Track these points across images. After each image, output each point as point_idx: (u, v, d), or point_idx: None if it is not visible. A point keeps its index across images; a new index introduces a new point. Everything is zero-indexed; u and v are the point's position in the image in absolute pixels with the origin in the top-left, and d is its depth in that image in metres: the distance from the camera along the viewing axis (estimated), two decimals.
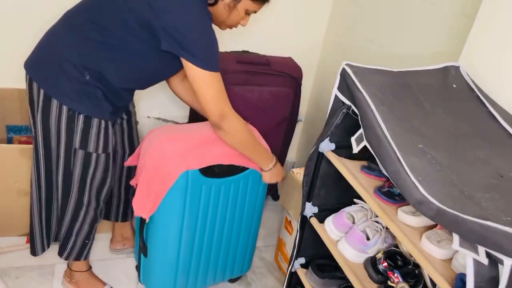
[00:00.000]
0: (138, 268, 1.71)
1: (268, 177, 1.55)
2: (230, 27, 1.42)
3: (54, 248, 1.85)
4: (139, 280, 1.73)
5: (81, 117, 1.34)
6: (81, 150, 1.38)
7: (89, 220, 1.53)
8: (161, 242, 1.52)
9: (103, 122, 1.38)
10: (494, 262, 0.79)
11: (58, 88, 1.32)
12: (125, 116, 1.61)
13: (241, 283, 1.87)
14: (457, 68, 1.23)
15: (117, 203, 1.80)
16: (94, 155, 1.41)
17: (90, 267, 1.70)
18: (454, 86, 1.19)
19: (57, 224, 1.58)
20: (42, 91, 1.33)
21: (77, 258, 1.60)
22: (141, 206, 1.46)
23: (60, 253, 1.60)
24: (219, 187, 1.49)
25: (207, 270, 1.67)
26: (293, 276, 1.54)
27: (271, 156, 1.53)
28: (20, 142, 2.00)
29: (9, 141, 2.00)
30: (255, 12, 1.39)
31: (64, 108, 1.32)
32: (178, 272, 1.58)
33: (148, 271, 1.63)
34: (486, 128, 1.09)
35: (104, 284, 1.70)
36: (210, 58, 1.27)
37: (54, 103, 1.32)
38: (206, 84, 1.28)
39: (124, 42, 1.29)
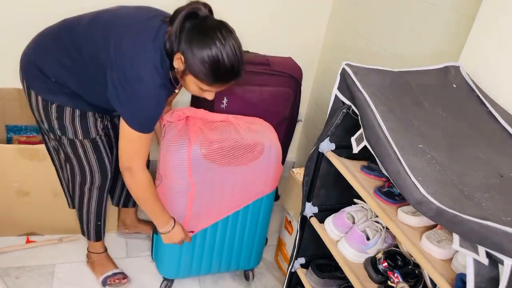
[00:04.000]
0: (152, 245, 1.80)
1: (166, 239, 1.55)
2: (195, 95, 1.35)
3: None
4: (152, 257, 1.82)
5: (54, 106, 1.40)
6: (63, 136, 1.46)
7: (94, 203, 1.62)
8: None
9: (77, 111, 1.42)
10: (494, 262, 0.79)
11: (34, 82, 1.40)
12: (113, 115, 1.61)
13: (241, 283, 1.87)
14: (457, 68, 1.22)
15: (120, 188, 1.84)
16: (77, 141, 1.47)
17: (106, 250, 1.81)
18: (454, 86, 1.19)
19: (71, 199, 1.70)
20: (24, 82, 1.43)
21: (98, 239, 1.74)
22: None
23: (82, 233, 1.74)
24: None
25: (211, 257, 1.72)
26: (293, 276, 1.54)
27: (168, 220, 1.51)
28: (19, 142, 2.00)
29: (9, 141, 2.00)
30: (209, 90, 1.30)
31: (40, 98, 1.40)
32: (182, 253, 1.65)
33: (157, 249, 1.72)
34: (486, 128, 1.09)
35: (116, 267, 1.78)
36: (142, 123, 1.29)
37: (33, 93, 1.41)
38: (129, 139, 1.31)
39: (89, 75, 1.34)
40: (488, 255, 0.79)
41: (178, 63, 1.24)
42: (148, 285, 1.78)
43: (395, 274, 1.17)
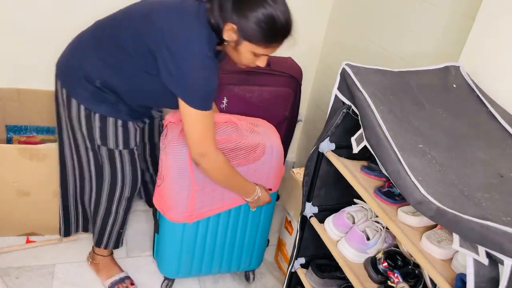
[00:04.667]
0: (153, 243, 1.81)
1: (254, 205, 1.58)
2: (246, 66, 1.36)
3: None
4: (153, 256, 1.83)
5: (97, 116, 1.40)
6: (103, 146, 1.45)
7: (121, 211, 1.63)
8: (168, 221, 1.58)
9: (119, 121, 1.43)
10: (494, 262, 0.79)
11: (76, 90, 1.40)
12: (147, 121, 1.62)
13: (241, 283, 1.87)
14: (457, 68, 1.22)
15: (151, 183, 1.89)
16: (116, 151, 1.47)
17: (112, 252, 1.79)
18: (454, 86, 1.19)
19: (92, 217, 1.67)
20: (64, 90, 1.41)
21: (115, 247, 1.73)
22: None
23: (98, 244, 1.70)
24: None
25: (212, 257, 1.72)
26: (293, 276, 1.54)
27: (253, 187, 1.52)
28: (19, 142, 2.00)
29: (9, 141, 2.00)
30: (266, 54, 1.31)
31: (82, 107, 1.39)
32: (183, 253, 1.65)
33: (158, 248, 1.73)
34: (486, 128, 1.09)
35: (122, 270, 1.77)
36: (204, 98, 1.28)
37: (74, 102, 1.40)
38: (193, 121, 1.29)
39: (135, 68, 1.33)
40: (488, 255, 0.79)
41: (229, 34, 1.23)
42: (148, 285, 1.78)
43: (395, 274, 1.17)
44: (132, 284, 1.73)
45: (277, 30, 1.22)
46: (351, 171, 1.22)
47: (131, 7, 1.37)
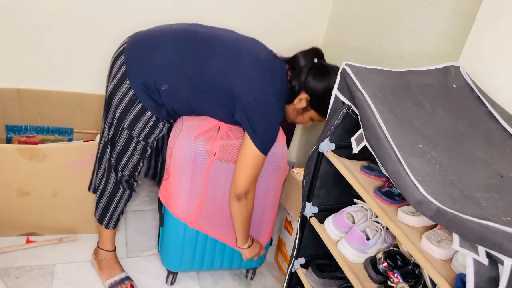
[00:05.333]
0: (158, 238, 1.85)
1: (247, 254, 1.68)
2: (298, 123, 1.62)
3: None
4: (158, 249, 1.87)
5: (140, 105, 1.45)
6: (126, 130, 1.50)
7: (126, 196, 1.66)
8: (172, 215, 1.61)
9: (154, 117, 1.49)
10: (494, 262, 0.79)
11: (136, 75, 1.45)
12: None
13: (241, 283, 1.87)
14: (457, 68, 1.22)
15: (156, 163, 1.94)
16: (135, 140, 1.52)
17: (115, 248, 1.80)
18: (454, 86, 1.19)
19: (99, 193, 1.69)
20: (123, 68, 1.45)
21: (114, 227, 1.74)
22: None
23: (101, 221, 1.72)
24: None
25: (213, 253, 1.74)
26: (293, 276, 1.54)
27: (248, 238, 1.65)
28: (19, 142, 2.00)
29: (9, 141, 2.00)
30: (320, 121, 1.53)
31: (131, 91, 1.44)
32: (185, 247, 1.68)
33: (162, 241, 1.77)
34: (486, 128, 1.09)
35: (123, 270, 1.77)
36: (268, 144, 1.44)
37: (126, 83, 1.44)
38: (252, 162, 1.44)
39: (212, 94, 1.44)
40: (488, 255, 0.79)
41: (300, 102, 1.47)
42: (148, 285, 1.78)
43: (395, 274, 1.17)
44: (132, 286, 1.73)
45: None
46: (351, 171, 1.22)
47: (218, 35, 1.50)
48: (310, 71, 1.44)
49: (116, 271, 1.75)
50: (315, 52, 1.49)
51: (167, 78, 1.43)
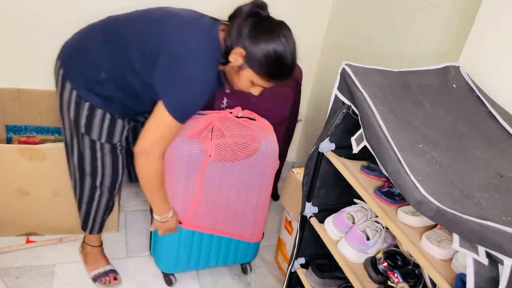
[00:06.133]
0: (150, 241, 1.84)
1: (157, 225, 1.55)
2: (240, 89, 1.38)
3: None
4: (150, 253, 1.86)
5: (87, 104, 1.38)
6: (86, 135, 1.43)
7: (104, 200, 1.61)
8: None
9: (108, 114, 1.41)
10: (494, 262, 0.79)
11: (74, 74, 1.38)
12: (142, 119, 1.59)
13: (241, 283, 1.87)
14: (457, 68, 1.22)
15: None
16: (98, 143, 1.45)
17: (101, 244, 1.79)
18: (454, 86, 1.19)
19: (78, 202, 1.65)
20: (61, 71, 1.40)
21: (99, 231, 1.72)
22: None
23: (84, 228, 1.70)
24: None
25: (209, 251, 1.74)
26: (293, 276, 1.54)
27: (168, 208, 1.52)
28: (19, 142, 2.00)
29: (9, 141, 2.01)
30: (262, 87, 1.34)
31: (74, 93, 1.38)
32: (180, 247, 1.67)
33: (155, 244, 1.76)
34: (486, 128, 1.09)
35: (108, 263, 1.78)
36: (184, 110, 1.30)
37: (68, 86, 1.38)
38: (162, 124, 1.30)
39: (135, 65, 1.32)
40: (488, 255, 0.79)
41: (236, 57, 1.25)
42: (148, 285, 1.78)
43: (395, 274, 1.17)
44: (116, 279, 1.74)
45: (282, 69, 1.27)
46: (351, 171, 1.22)
47: (147, 11, 1.37)
48: (246, 22, 1.24)
49: (101, 264, 1.77)
50: (255, 3, 1.27)
51: (102, 65, 1.35)
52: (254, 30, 1.23)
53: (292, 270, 1.52)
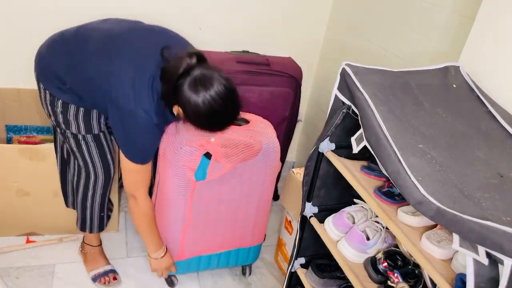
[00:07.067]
0: None
1: (154, 265, 1.63)
2: None
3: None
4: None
5: (60, 102, 1.43)
6: (67, 130, 1.47)
7: (98, 197, 1.63)
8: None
9: (81, 109, 1.44)
10: (494, 262, 0.79)
11: (44, 77, 1.44)
12: None
13: (241, 283, 1.87)
14: (457, 68, 1.22)
15: None
16: (79, 136, 1.49)
17: (100, 243, 1.81)
18: (454, 86, 1.19)
19: (73, 202, 1.70)
20: (35, 74, 1.46)
21: (101, 229, 1.74)
22: None
23: (83, 229, 1.72)
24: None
25: (210, 256, 1.73)
26: (293, 276, 1.54)
27: (160, 246, 1.60)
28: (19, 142, 2.00)
29: (9, 141, 2.01)
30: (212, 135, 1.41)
31: (47, 93, 1.43)
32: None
33: None
34: (486, 128, 1.09)
35: (108, 263, 1.79)
36: (140, 155, 1.40)
37: (41, 86, 1.45)
38: (129, 170, 1.42)
39: (93, 94, 1.38)
40: (488, 255, 0.79)
41: (177, 111, 1.32)
42: (148, 285, 1.78)
43: (395, 274, 1.17)
44: (115, 279, 1.75)
45: (217, 121, 1.31)
46: (351, 171, 1.22)
47: (109, 33, 1.37)
48: (180, 81, 1.23)
49: (100, 264, 1.77)
50: (189, 55, 1.25)
51: (63, 78, 1.39)
52: (182, 92, 1.23)
53: (292, 270, 1.52)
